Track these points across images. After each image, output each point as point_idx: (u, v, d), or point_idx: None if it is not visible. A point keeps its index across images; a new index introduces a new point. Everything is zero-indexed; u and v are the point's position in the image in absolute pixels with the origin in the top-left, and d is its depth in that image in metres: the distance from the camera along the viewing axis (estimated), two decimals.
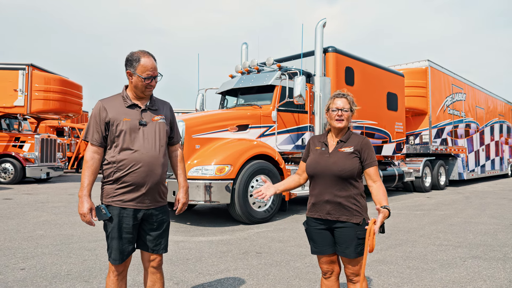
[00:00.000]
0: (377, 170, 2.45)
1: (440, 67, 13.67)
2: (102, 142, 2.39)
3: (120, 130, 2.35)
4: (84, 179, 2.34)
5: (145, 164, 2.36)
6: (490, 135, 17.68)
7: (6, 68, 13.23)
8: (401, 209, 8.79)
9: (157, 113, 2.50)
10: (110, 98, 2.48)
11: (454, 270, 4.11)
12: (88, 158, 2.37)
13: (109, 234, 2.41)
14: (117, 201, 2.36)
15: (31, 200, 9.11)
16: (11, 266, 4.04)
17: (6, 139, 13.31)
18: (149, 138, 2.41)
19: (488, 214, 7.93)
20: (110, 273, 2.45)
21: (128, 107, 2.41)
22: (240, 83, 8.37)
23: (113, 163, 2.36)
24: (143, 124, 2.41)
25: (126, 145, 2.35)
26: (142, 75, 2.36)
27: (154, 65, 2.40)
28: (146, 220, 2.44)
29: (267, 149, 7.13)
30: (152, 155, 2.39)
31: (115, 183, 2.36)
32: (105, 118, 2.36)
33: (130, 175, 2.34)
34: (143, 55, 2.38)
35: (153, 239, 2.47)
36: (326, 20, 8.24)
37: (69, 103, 14.27)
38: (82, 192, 2.34)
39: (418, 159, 12.68)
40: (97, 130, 2.37)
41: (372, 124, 9.96)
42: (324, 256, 2.48)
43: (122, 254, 2.38)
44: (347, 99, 2.50)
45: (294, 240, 5.48)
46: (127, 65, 2.40)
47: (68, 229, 5.94)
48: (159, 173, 2.42)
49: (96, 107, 2.42)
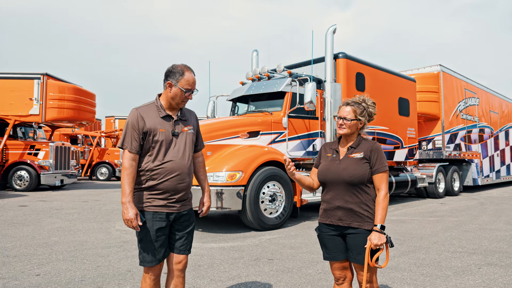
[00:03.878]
0: (383, 178, 2.40)
1: (452, 71, 13.53)
2: (139, 150, 2.47)
3: (156, 140, 2.45)
4: (126, 186, 2.41)
5: (177, 173, 2.47)
6: (505, 140, 17.38)
7: (21, 78, 13.52)
8: (414, 215, 8.69)
9: (186, 123, 2.62)
10: (145, 107, 2.54)
11: (469, 278, 4.04)
12: (127, 165, 2.43)
13: (142, 238, 2.47)
14: (150, 206, 2.45)
15: (45, 207, 9.25)
16: (27, 272, 4.11)
17: (22, 147, 13.56)
18: (180, 148, 2.53)
19: (504, 221, 7.78)
20: (146, 278, 2.51)
21: (162, 117, 2.51)
22: (251, 90, 8.41)
23: (146, 171, 2.45)
24: (176, 135, 2.53)
25: (160, 155, 2.46)
26: (183, 88, 2.47)
27: (195, 80, 2.54)
28: (175, 222, 2.55)
29: (278, 156, 7.13)
30: (183, 164, 2.51)
31: (148, 190, 2.46)
32: (143, 127, 2.45)
33: (164, 183, 2.45)
34: (187, 69, 2.51)
35: (180, 239, 2.57)
36: (336, 26, 8.26)
37: (83, 111, 14.49)
38: (125, 199, 2.39)
39: (431, 165, 12.52)
40: (135, 138, 2.45)
41: (383, 130, 9.90)
42: (336, 262, 2.48)
43: (157, 256, 2.47)
44: (352, 108, 2.50)
45: (306, 246, 5.45)
46: (169, 77, 2.50)
47: (82, 236, 6.02)
48: (188, 180, 2.56)
49: (132, 115, 2.48)
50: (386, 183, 2.40)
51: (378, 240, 2.27)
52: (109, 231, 6.40)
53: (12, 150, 13.44)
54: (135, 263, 4.47)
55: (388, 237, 2.31)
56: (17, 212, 8.41)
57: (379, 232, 2.29)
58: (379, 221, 2.31)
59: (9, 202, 10.08)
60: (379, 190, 2.39)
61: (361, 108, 2.51)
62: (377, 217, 2.33)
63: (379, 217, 2.33)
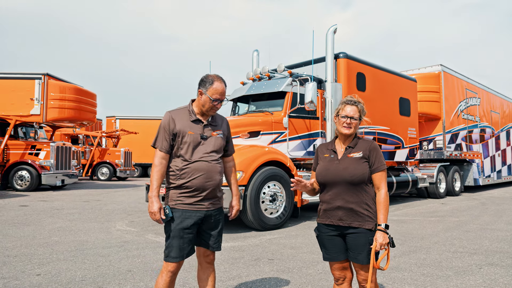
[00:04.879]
0: (383, 176, 2.41)
1: (453, 71, 13.52)
2: (169, 150, 2.65)
3: (185, 142, 2.61)
4: (154, 181, 2.60)
5: (204, 172, 2.60)
6: (506, 140, 17.35)
7: (22, 78, 13.53)
8: (415, 215, 8.68)
9: (216, 128, 2.77)
10: (177, 110, 2.73)
11: (470, 278, 4.03)
12: (157, 163, 2.63)
13: (170, 234, 2.59)
14: (180, 204, 2.59)
15: (46, 207, 9.26)
16: (27, 272, 4.11)
17: (23, 147, 13.58)
18: (207, 150, 2.66)
19: (505, 221, 7.77)
20: (163, 273, 2.59)
21: (192, 121, 2.67)
22: (252, 90, 8.41)
23: (176, 171, 2.62)
24: (204, 138, 2.67)
25: (188, 156, 2.61)
26: (212, 97, 2.62)
27: (224, 90, 2.69)
28: (206, 220, 2.66)
29: (278, 156, 7.13)
30: (210, 164, 2.64)
31: (178, 189, 2.61)
32: (173, 129, 2.63)
33: (191, 181, 2.58)
34: (217, 79, 2.67)
35: (212, 237, 2.70)
36: (337, 26, 8.25)
37: (84, 112, 14.49)
38: (152, 193, 2.57)
39: (432, 165, 12.51)
40: (165, 138, 2.64)
41: (384, 130, 9.89)
42: (336, 263, 2.48)
43: (182, 252, 2.57)
44: (358, 107, 2.50)
45: (306, 246, 5.45)
46: (200, 85, 2.68)
47: (83, 236, 6.03)
48: (216, 179, 2.66)
49: (165, 117, 2.68)
50: (385, 182, 2.41)
51: (383, 239, 2.27)
52: (109, 231, 6.41)
53: (13, 150, 13.46)
54: (135, 263, 4.48)
55: (390, 237, 2.31)
56: (18, 212, 8.42)
57: (384, 232, 2.28)
58: (382, 220, 2.31)
59: (10, 202, 10.10)
60: (379, 189, 2.39)
61: (360, 107, 2.51)
62: (380, 217, 2.33)
63: (382, 217, 2.32)
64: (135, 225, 7.06)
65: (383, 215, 2.32)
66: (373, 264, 2.27)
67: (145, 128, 24.22)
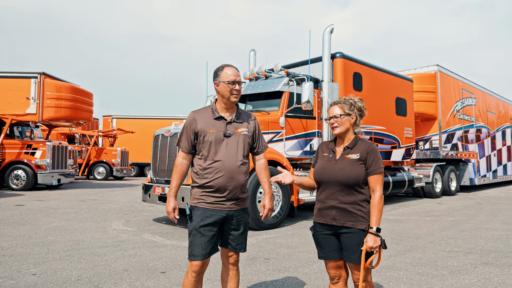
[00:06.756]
0: (378, 179, 2.39)
1: (449, 71, 13.58)
2: (191, 150, 2.66)
3: (206, 140, 2.58)
4: (173, 181, 2.63)
5: (227, 172, 2.56)
6: (502, 140, 17.45)
7: (18, 77, 13.47)
8: (411, 215, 8.71)
9: (241, 125, 2.70)
10: (201, 110, 2.72)
11: (464, 277, 4.06)
12: (178, 163, 2.66)
13: (191, 232, 2.58)
14: (202, 202, 2.58)
15: (42, 207, 9.23)
16: (23, 272, 4.10)
17: (19, 146, 13.53)
18: (231, 148, 2.61)
19: (500, 220, 7.82)
20: (188, 273, 2.57)
21: (215, 119, 2.63)
22: (248, 90, 8.41)
23: (199, 170, 2.60)
24: (227, 135, 2.62)
25: (211, 155, 2.58)
26: (227, 80, 2.59)
27: (237, 72, 2.65)
28: (228, 221, 2.63)
29: (275, 155, 7.14)
30: (233, 164, 2.59)
31: (201, 188, 2.60)
32: (195, 128, 2.61)
33: (214, 181, 2.55)
34: (226, 65, 2.67)
35: (235, 239, 2.66)
36: (333, 26, 8.27)
37: (80, 111, 14.45)
38: (169, 193, 2.62)
39: (428, 165, 12.56)
40: (187, 138, 2.65)
41: (380, 130, 9.92)
42: (331, 261, 2.49)
43: (204, 250, 2.53)
44: (339, 105, 2.52)
45: (302, 246, 5.46)
46: (214, 78, 2.67)
47: (79, 235, 6.01)
48: (239, 180, 2.61)
49: (189, 117, 2.68)
50: (381, 185, 2.40)
51: (374, 242, 2.27)
52: (105, 231, 6.40)
53: (9, 149, 13.41)
54: (131, 263, 4.47)
55: (382, 240, 2.32)
56: (14, 211, 8.39)
57: (375, 235, 2.29)
58: (374, 223, 2.31)
59: (5, 202, 10.06)
60: (374, 192, 2.39)
61: (348, 104, 2.52)
62: (372, 220, 2.33)
63: (374, 219, 2.32)
64: (132, 224, 7.05)
65: (376, 218, 2.32)
66: (363, 265, 2.29)
67: (142, 127, 24.20)
